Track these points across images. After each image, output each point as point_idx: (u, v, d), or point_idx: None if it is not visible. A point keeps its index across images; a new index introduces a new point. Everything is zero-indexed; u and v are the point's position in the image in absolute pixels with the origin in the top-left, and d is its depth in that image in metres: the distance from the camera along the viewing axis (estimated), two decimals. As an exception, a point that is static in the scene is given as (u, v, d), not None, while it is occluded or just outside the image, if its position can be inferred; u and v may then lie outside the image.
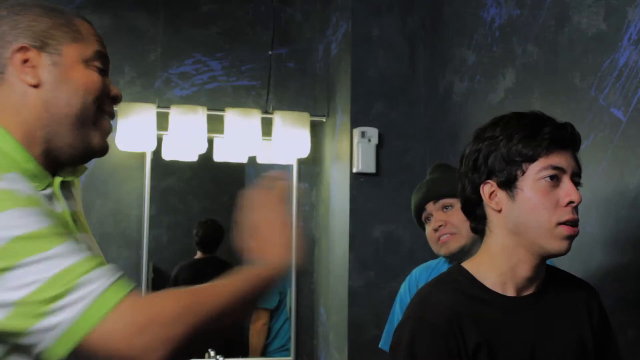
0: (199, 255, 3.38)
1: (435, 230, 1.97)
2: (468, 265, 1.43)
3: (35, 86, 1.18)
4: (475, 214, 1.44)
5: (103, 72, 1.28)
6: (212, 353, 3.09)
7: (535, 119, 1.39)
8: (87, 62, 1.26)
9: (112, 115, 1.27)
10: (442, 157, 2.89)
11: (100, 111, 1.23)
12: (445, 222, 1.95)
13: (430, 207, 1.99)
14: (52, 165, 1.20)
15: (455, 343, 1.32)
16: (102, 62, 1.30)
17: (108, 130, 1.25)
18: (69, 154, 1.21)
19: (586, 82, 2.02)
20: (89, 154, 1.24)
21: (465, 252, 1.92)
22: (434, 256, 2.14)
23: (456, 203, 1.94)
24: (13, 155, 1.15)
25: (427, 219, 2.01)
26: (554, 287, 1.44)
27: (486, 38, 2.58)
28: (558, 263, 1.82)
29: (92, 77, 1.24)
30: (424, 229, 2.06)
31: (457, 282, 1.41)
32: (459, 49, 2.79)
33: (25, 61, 1.18)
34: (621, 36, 1.88)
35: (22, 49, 1.18)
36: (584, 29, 2.03)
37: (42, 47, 1.19)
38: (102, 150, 1.24)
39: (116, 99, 1.27)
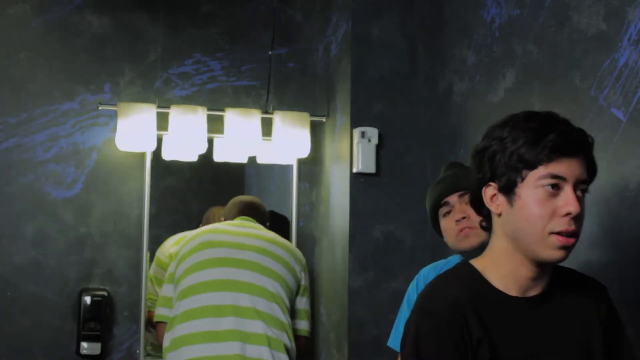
0: (199, 255, 3.38)
1: (457, 221, 1.95)
2: (476, 262, 1.43)
3: None
4: (482, 213, 1.44)
5: None
6: None
7: (544, 122, 1.34)
8: None
9: None
10: (442, 157, 2.89)
11: None
12: (469, 215, 1.92)
13: (453, 199, 1.98)
14: None
15: (460, 333, 1.32)
16: None
17: None
18: None
19: (586, 82, 2.02)
20: None
21: (484, 248, 1.91)
22: (436, 256, 2.14)
23: None
24: None
25: (448, 212, 2.00)
26: (563, 289, 1.42)
27: (486, 38, 2.58)
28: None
29: None
30: (436, 225, 2.04)
31: (463, 277, 1.41)
32: (459, 49, 2.79)
33: None
34: (621, 36, 1.88)
35: None
36: (584, 29, 2.03)
37: None
38: None
39: None
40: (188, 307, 2.56)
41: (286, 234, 3.37)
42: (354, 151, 3.00)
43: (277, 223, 3.43)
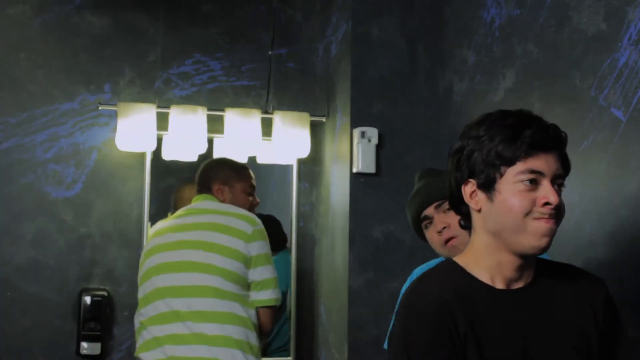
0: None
1: (439, 232, 1.95)
2: (459, 259, 1.44)
3: None
4: (462, 212, 1.45)
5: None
6: None
7: (519, 120, 1.37)
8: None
9: None
10: (442, 157, 2.88)
11: None
12: (449, 224, 1.93)
13: (430, 211, 1.97)
14: None
15: (447, 328, 1.32)
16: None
17: None
18: None
19: (586, 82, 2.02)
20: None
21: None
22: (435, 256, 2.13)
23: None
24: None
25: (429, 224, 2.00)
26: (551, 280, 1.43)
27: (486, 38, 2.58)
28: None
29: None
30: (422, 237, 2.05)
31: (447, 273, 1.42)
32: (459, 49, 2.79)
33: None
34: (621, 36, 1.88)
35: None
36: (584, 29, 2.03)
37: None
38: None
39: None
40: (151, 314, 2.50)
41: (282, 236, 3.38)
42: (354, 151, 3.00)
43: (270, 227, 3.43)
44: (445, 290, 1.37)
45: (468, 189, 1.40)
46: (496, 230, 1.37)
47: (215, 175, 2.70)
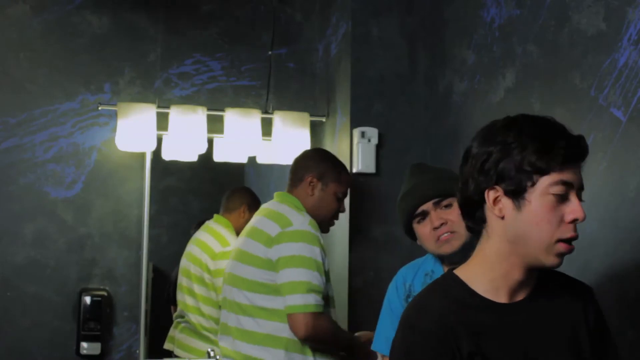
0: (198, 255, 3.37)
1: (435, 228, 1.95)
2: (460, 271, 1.42)
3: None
4: (474, 216, 1.42)
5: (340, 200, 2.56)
6: (211, 353, 3.09)
7: (550, 129, 1.36)
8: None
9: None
10: (442, 157, 2.89)
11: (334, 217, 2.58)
12: (447, 220, 1.93)
13: (428, 206, 1.98)
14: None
15: (450, 349, 1.32)
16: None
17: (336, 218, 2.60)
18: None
19: (586, 82, 2.02)
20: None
21: (466, 249, 1.90)
22: (422, 253, 2.13)
23: (454, 202, 1.93)
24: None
25: (422, 219, 2.00)
26: (548, 291, 1.43)
27: (486, 38, 2.58)
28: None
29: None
30: (412, 235, 2.05)
31: (449, 289, 1.40)
32: (459, 49, 2.79)
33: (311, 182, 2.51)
34: (621, 36, 1.88)
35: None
36: (584, 29, 2.03)
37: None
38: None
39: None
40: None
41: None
42: (354, 151, 3.00)
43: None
44: (448, 308, 1.36)
45: (492, 195, 1.37)
46: (517, 240, 1.35)
47: (315, 166, 2.53)
